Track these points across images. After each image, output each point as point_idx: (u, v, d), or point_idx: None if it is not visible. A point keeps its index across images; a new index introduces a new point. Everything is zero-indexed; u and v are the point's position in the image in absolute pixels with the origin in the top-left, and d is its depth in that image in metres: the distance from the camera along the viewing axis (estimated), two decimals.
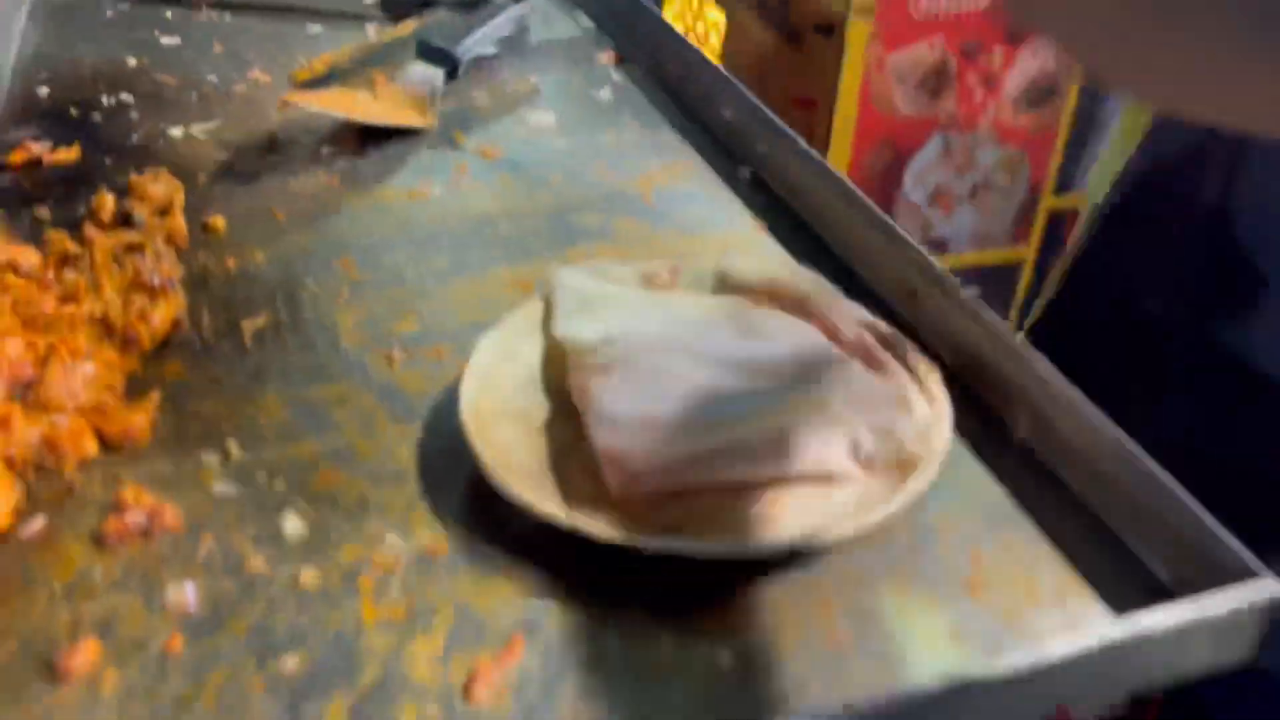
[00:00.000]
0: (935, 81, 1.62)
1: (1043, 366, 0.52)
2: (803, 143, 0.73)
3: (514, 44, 0.98)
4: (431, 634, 0.43)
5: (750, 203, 0.74)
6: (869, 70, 1.59)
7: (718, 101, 0.82)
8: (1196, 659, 0.41)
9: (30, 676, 0.40)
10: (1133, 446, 0.47)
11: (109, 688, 0.40)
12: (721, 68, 0.83)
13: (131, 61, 0.89)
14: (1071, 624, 0.43)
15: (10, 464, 0.47)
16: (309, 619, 0.43)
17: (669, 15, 2.40)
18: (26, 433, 0.48)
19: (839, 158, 1.64)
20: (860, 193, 0.68)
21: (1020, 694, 0.39)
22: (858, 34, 1.55)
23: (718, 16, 2.14)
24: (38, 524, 0.46)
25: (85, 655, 0.41)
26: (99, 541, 0.46)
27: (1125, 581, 0.45)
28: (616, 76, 0.93)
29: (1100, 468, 0.48)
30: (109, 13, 0.99)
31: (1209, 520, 0.43)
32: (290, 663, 0.41)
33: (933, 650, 0.42)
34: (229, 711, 0.39)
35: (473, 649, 0.42)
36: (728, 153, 0.79)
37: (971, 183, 1.71)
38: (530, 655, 0.42)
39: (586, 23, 1.03)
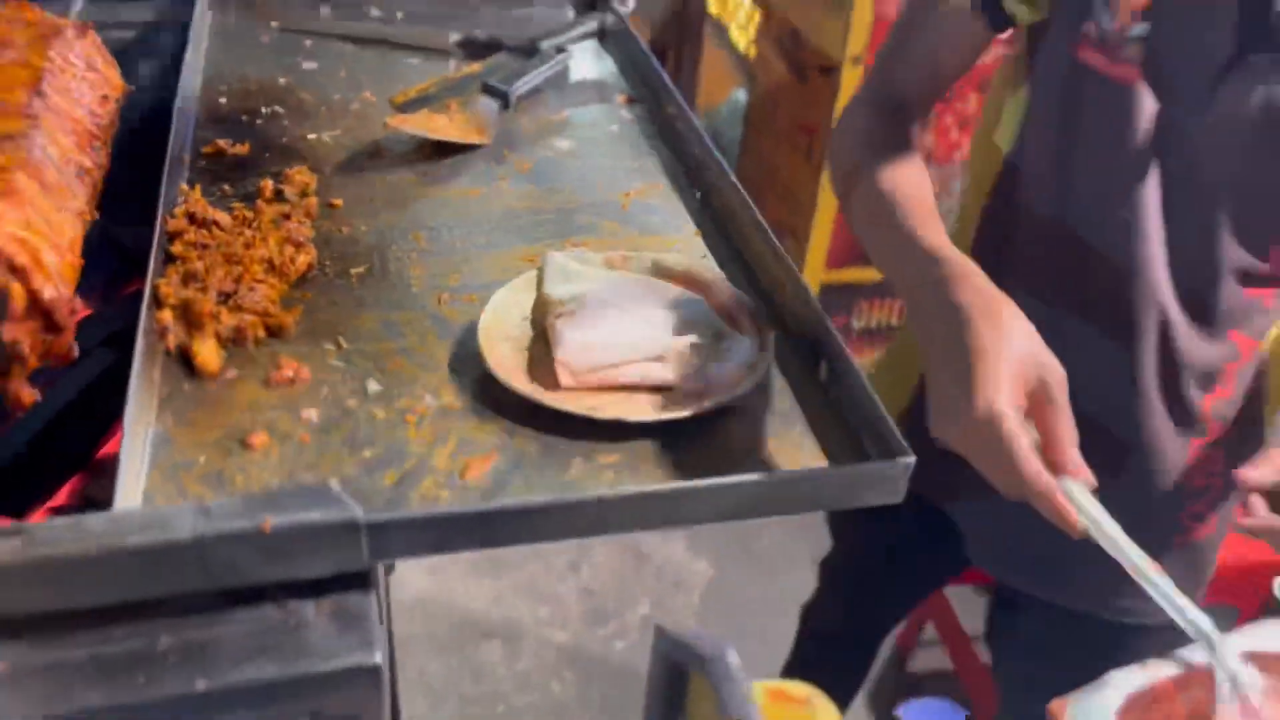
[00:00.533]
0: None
1: (836, 339, 0.84)
2: (732, 176, 1.05)
3: (556, 82, 1.31)
4: (446, 446, 0.77)
5: (696, 217, 1.07)
6: None
7: (689, 140, 1.15)
8: (862, 496, 0.74)
9: (233, 446, 0.76)
10: (867, 386, 0.79)
11: (274, 455, 0.75)
12: (693, 116, 1.16)
13: (282, 80, 1.25)
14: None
15: (219, 339, 0.83)
16: (378, 434, 0.77)
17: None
18: (228, 322, 0.83)
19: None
20: (759, 218, 1.00)
21: (775, 497, 0.72)
22: (851, 76, 1.86)
23: (747, 3, 2.44)
24: (232, 373, 0.82)
25: (260, 438, 0.76)
26: (266, 383, 0.81)
27: (849, 458, 0.78)
28: (626, 114, 1.26)
29: (853, 395, 0.81)
30: (264, 38, 1.35)
31: (894, 431, 0.76)
32: (366, 452, 0.76)
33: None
34: (335, 472, 0.74)
35: (468, 455, 0.76)
36: (689, 179, 1.12)
37: (946, 210, 2.01)
38: (500, 461, 0.76)
39: (613, 68, 1.36)
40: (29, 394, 0.71)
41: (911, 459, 0.73)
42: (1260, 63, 0.87)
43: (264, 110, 1.19)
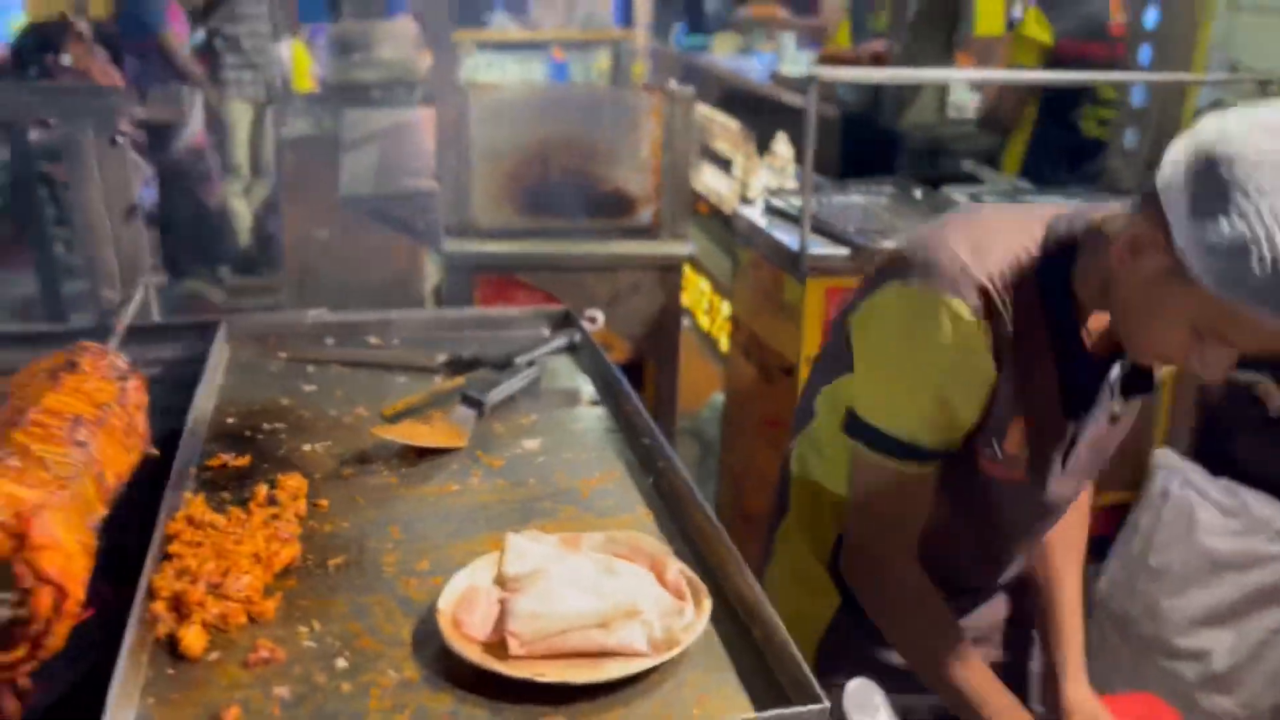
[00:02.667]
0: None
1: (767, 608, 0.93)
2: (678, 461, 1.17)
3: (530, 391, 1.47)
4: (403, 715, 0.84)
5: (648, 500, 1.18)
6: None
7: (642, 432, 1.29)
8: None
9: None
10: (794, 648, 0.87)
11: None
12: (645, 412, 1.30)
13: (284, 401, 1.42)
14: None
15: (204, 625, 0.92)
16: (342, 707, 0.84)
17: (697, 313, 2.93)
18: (214, 609, 0.93)
19: None
20: (702, 499, 1.11)
21: None
22: (806, 376, 2.04)
23: (728, 311, 2.68)
24: (214, 655, 0.90)
25: (234, 713, 0.83)
26: (244, 664, 0.89)
27: (770, 700, 0.84)
28: (589, 414, 1.41)
29: (780, 654, 0.88)
30: (272, 367, 1.54)
31: (812, 682, 0.82)
32: None
33: None
34: None
35: None
36: (643, 467, 1.25)
37: None
38: None
39: (581, 377, 1.53)
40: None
41: (825, 706, 0.80)
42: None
43: (266, 427, 1.34)
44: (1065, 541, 1.37)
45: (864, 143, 3.20)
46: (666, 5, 6.98)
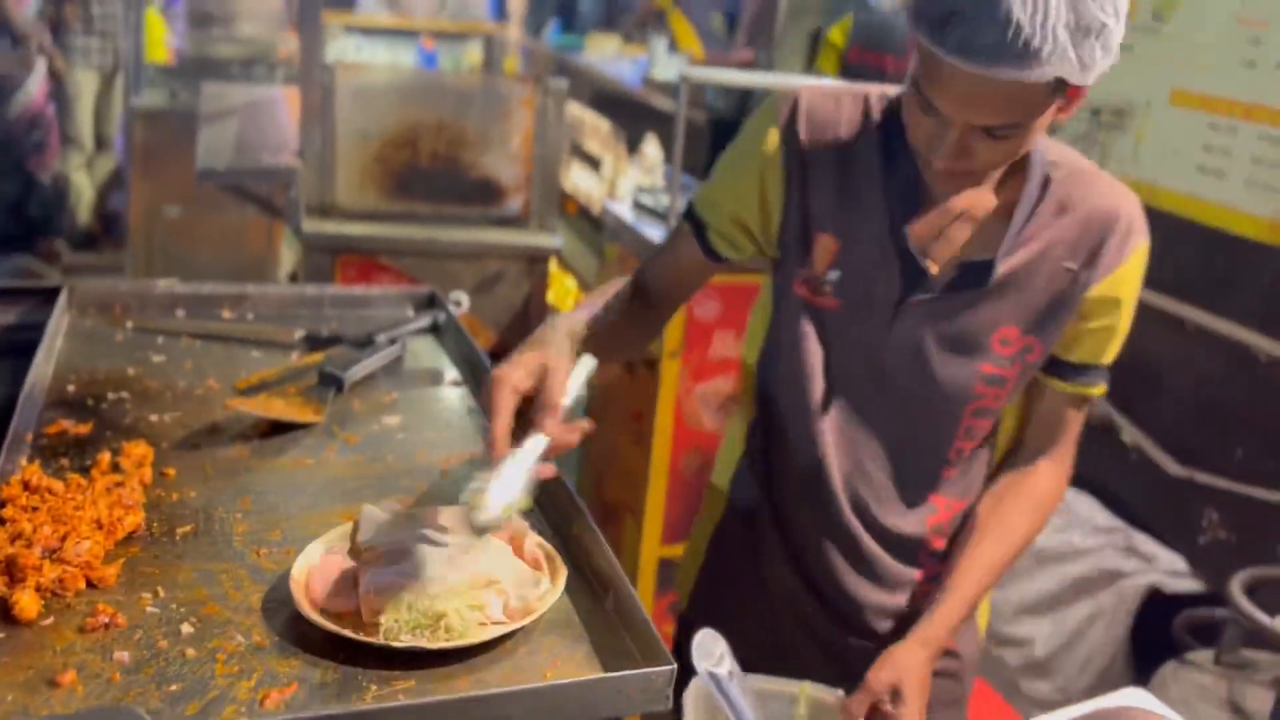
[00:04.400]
0: (732, 406, 2.14)
1: (619, 573, 0.95)
2: None
3: (391, 369, 1.46)
4: (250, 680, 0.83)
5: None
6: (679, 397, 2.12)
7: None
8: (632, 703, 0.82)
9: (41, 685, 0.80)
10: (643, 610, 0.90)
11: (79, 693, 0.79)
12: None
13: (130, 370, 1.36)
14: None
15: (39, 589, 0.88)
16: (187, 671, 0.83)
17: (560, 307, 2.97)
18: (50, 574, 0.89)
19: (660, 457, 2.13)
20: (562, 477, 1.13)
21: (550, 705, 0.80)
22: (670, 368, 2.09)
23: None
24: (49, 620, 0.87)
25: (69, 677, 0.80)
26: (81, 629, 0.86)
27: (622, 664, 0.87)
28: (452, 394, 1.41)
29: (631, 618, 0.91)
30: (118, 336, 1.47)
31: (661, 645, 0.85)
32: (173, 687, 0.81)
33: None
34: (140, 704, 0.78)
35: (270, 686, 0.82)
36: None
37: None
38: (300, 691, 0.82)
39: (444, 358, 1.53)
40: None
41: (673, 667, 0.83)
42: (920, 301, 1.13)
43: (110, 396, 1.29)
44: (995, 518, 1.20)
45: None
46: (540, 3, 6.98)
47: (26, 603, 0.86)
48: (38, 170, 4.78)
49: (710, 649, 0.95)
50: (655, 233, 2.31)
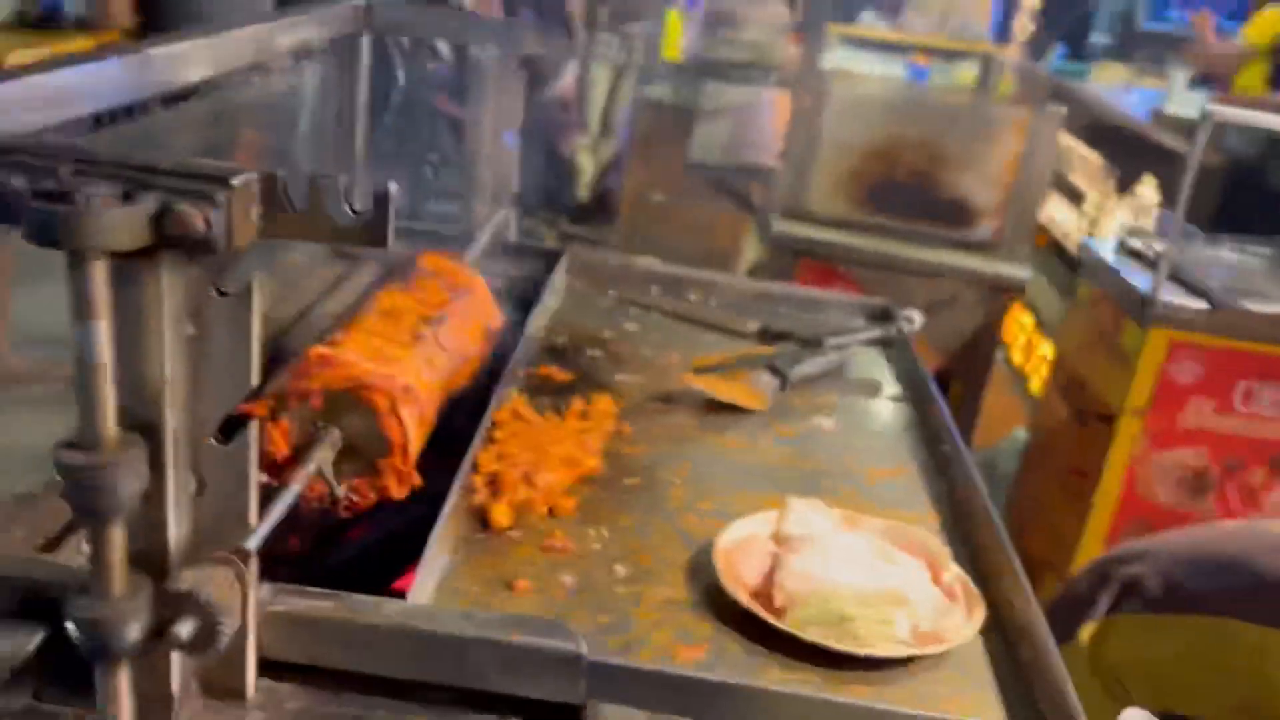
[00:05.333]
0: (1196, 483, 1.91)
1: (1043, 630, 0.90)
2: (973, 470, 1.15)
3: (834, 374, 1.49)
4: (666, 631, 0.89)
5: (935, 503, 1.17)
6: (1134, 460, 1.92)
7: (942, 438, 1.27)
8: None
9: (499, 587, 0.92)
10: (1061, 679, 0.84)
11: (530, 600, 0.91)
12: (948, 417, 1.28)
13: (608, 334, 1.52)
14: None
15: (512, 505, 1.02)
16: (615, 606, 0.91)
17: (1013, 348, 2.83)
18: (522, 494, 1.03)
19: (1098, 523, 1.96)
20: (994, 512, 1.09)
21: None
22: (1129, 425, 1.91)
23: (1047, 352, 2.57)
24: (516, 533, 1.00)
25: (524, 585, 0.92)
26: (540, 548, 0.98)
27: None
28: (889, 408, 1.41)
29: (1047, 682, 0.85)
30: (602, 302, 1.65)
31: (1074, 705, 0.80)
32: (603, 618, 0.90)
33: None
34: (574, 625, 0.88)
35: (682, 642, 0.88)
36: (936, 470, 1.23)
37: None
38: (707, 654, 0.87)
39: (888, 372, 1.53)
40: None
41: None
42: None
43: (589, 352, 1.44)
44: None
45: (1247, 198, 2.91)
46: (1049, 27, 6.63)
47: (500, 514, 1.00)
48: (561, 146, 5.45)
49: None
50: (1139, 279, 2.12)
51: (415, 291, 1.15)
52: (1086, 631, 1.31)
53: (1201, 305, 2.00)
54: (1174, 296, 2.01)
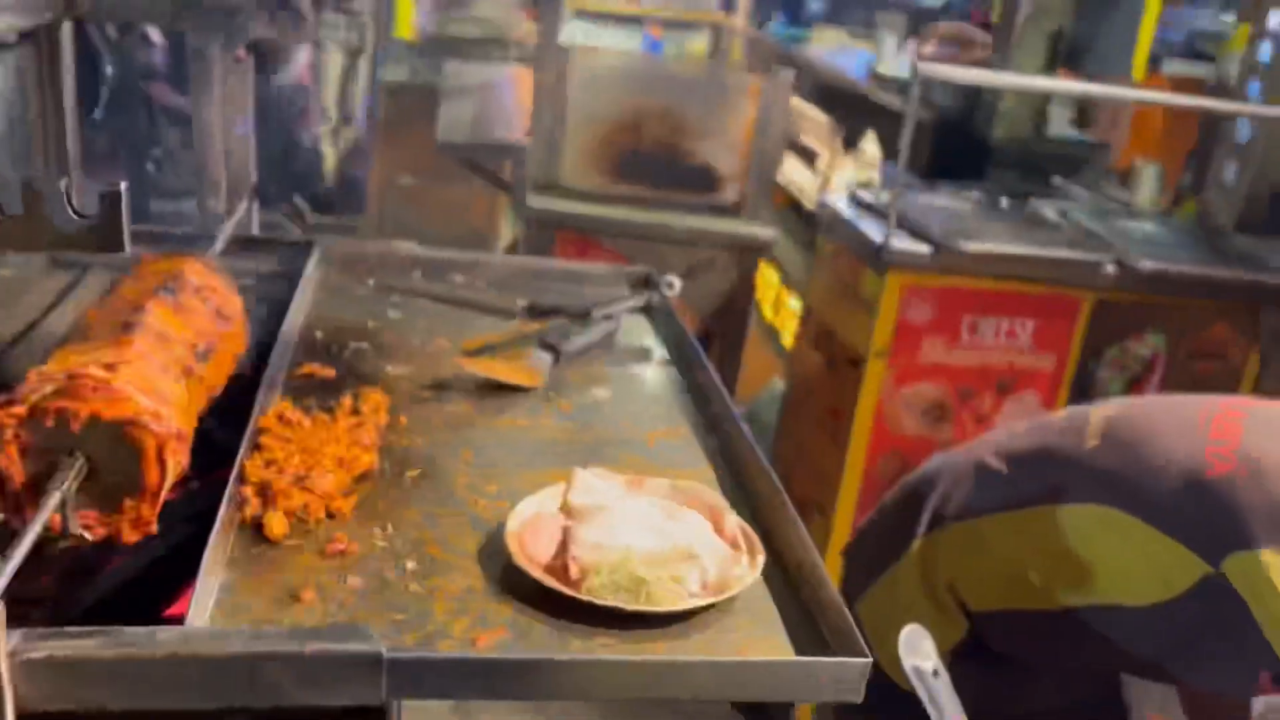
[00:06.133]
0: (937, 413, 2.09)
1: (817, 561, 0.96)
2: (743, 425, 1.20)
3: (604, 344, 1.51)
4: (464, 619, 0.88)
5: (711, 459, 1.22)
6: (882, 398, 2.08)
7: (712, 398, 1.32)
8: (823, 689, 0.83)
9: (285, 599, 0.88)
10: (839, 601, 0.90)
11: (318, 609, 0.87)
12: (716, 378, 1.34)
13: (370, 324, 1.47)
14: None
15: (287, 513, 0.97)
16: (409, 603, 0.89)
17: (764, 305, 2.98)
18: (297, 500, 0.98)
19: (855, 459, 2.10)
20: (765, 462, 1.14)
21: (738, 681, 0.81)
22: (875, 368, 2.06)
23: (795, 306, 2.72)
24: (294, 541, 0.96)
25: (309, 595, 0.89)
26: (321, 553, 0.95)
27: (815, 651, 0.87)
28: (660, 373, 1.45)
29: (826, 607, 0.91)
30: (360, 291, 1.59)
31: (857, 636, 0.86)
32: (397, 616, 0.87)
33: None
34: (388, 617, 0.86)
35: (482, 628, 0.87)
36: (708, 428, 1.28)
37: None
38: (509, 635, 0.87)
39: (655, 338, 1.57)
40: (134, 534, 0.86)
41: (868, 660, 0.83)
42: None
43: (352, 345, 1.39)
44: None
45: (955, 148, 3.18)
46: None
47: (276, 524, 0.95)
48: (300, 134, 5.21)
49: (917, 645, 0.95)
50: (874, 230, 2.28)
51: (184, 314, 1.08)
52: (914, 550, 1.39)
53: (926, 249, 2.18)
54: (903, 243, 2.18)
